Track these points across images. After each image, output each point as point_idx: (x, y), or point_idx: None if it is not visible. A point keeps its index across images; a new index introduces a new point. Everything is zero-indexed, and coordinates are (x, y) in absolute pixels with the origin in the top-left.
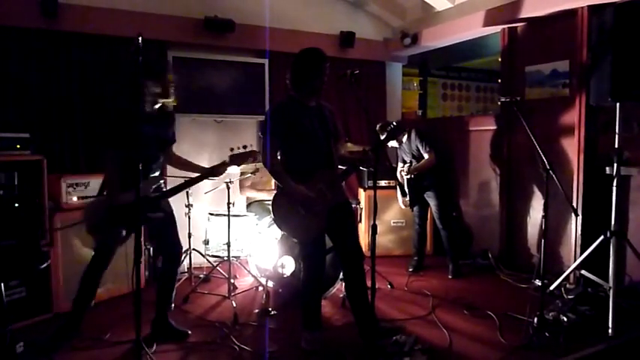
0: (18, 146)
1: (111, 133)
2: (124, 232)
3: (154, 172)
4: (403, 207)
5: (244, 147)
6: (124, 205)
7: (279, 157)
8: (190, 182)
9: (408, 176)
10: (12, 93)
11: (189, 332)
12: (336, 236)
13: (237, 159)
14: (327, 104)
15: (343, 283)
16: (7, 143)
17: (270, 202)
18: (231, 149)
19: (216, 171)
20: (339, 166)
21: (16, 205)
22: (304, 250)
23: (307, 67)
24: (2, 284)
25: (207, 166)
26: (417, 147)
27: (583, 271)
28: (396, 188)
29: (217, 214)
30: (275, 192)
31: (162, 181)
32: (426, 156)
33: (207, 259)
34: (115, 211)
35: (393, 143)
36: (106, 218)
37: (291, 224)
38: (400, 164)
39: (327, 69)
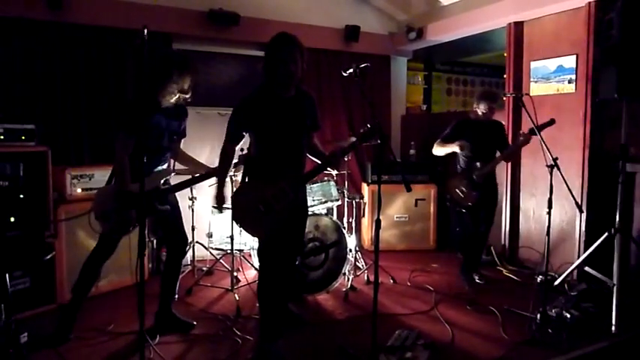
0: (23, 137)
1: (128, 119)
2: (133, 216)
3: (163, 165)
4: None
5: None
6: (134, 192)
7: (242, 150)
8: (199, 179)
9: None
10: (17, 84)
11: (195, 323)
12: (285, 232)
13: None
14: (309, 92)
15: (346, 277)
16: (12, 134)
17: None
18: (242, 149)
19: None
20: (313, 158)
21: (21, 196)
22: (262, 250)
23: (272, 54)
24: (7, 275)
25: (208, 164)
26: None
27: (587, 268)
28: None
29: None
30: (237, 188)
31: (171, 175)
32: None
33: (211, 252)
34: (125, 197)
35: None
36: (116, 205)
37: (248, 221)
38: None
39: (296, 53)
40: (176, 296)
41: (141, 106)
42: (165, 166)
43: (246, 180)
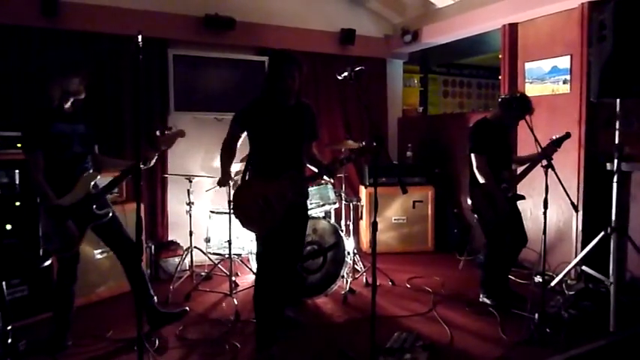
0: (19, 145)
1: (26, 136)
2: (73, 228)
3: (87, 170)
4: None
5: (169, 128)
6: (63, 205)
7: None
8: (125, 174)
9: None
10: (13, 91)
11: (187, 309)
12: (283, 235)
13: (166, 141)
14: (310, 105)
15: (345, 280)
16: (8, 142)
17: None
18: (158, 133)
19: (147, 158)
20: (310, 166)
21: (17, 203)
22: (261, 253)
23: (272, 70)
24: (4, 283)
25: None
26: None
27: (584, 267)
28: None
29: (218, 212)
30: (239, 184)
31: (98, 178)
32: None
33: (209, 257)
34: (56, 212)
35: None
36: (51, 223)
37: (245, 214)
38: None
39: (294, 70)
40: (155, 298)
41: (37, 118)
42: (91, 171)
43: (247, 178)
